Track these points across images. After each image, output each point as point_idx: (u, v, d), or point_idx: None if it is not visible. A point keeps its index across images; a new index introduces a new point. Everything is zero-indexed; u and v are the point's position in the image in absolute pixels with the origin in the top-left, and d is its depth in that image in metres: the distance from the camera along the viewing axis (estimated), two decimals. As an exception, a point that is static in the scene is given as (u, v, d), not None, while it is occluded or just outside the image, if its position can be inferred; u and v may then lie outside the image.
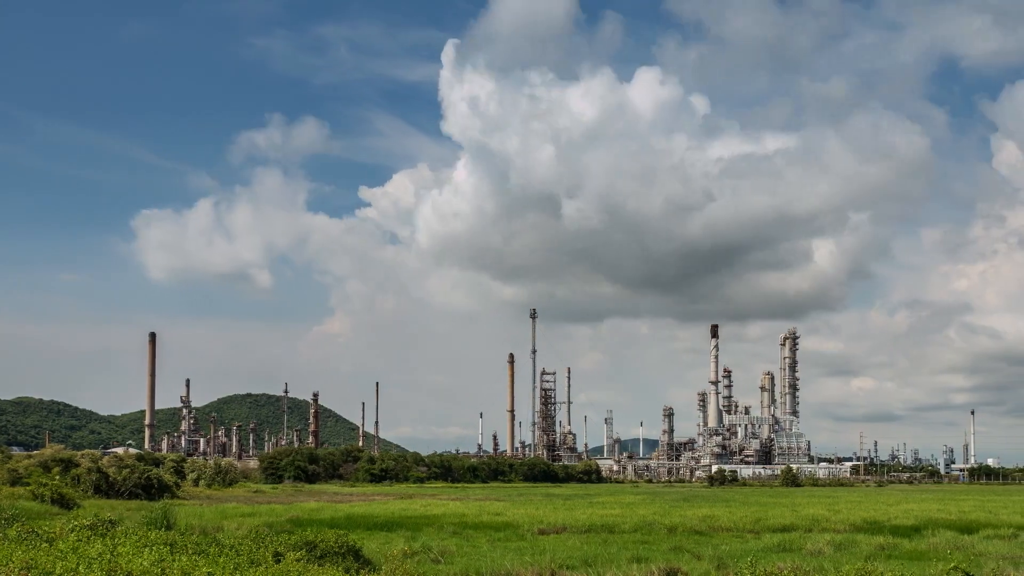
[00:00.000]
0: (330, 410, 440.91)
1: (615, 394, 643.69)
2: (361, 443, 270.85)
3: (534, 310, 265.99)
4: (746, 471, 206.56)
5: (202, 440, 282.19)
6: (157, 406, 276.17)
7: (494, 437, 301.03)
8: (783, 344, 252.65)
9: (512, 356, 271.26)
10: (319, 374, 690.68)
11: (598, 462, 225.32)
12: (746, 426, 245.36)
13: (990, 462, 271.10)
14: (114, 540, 20.41)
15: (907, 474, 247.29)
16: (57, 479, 56.00)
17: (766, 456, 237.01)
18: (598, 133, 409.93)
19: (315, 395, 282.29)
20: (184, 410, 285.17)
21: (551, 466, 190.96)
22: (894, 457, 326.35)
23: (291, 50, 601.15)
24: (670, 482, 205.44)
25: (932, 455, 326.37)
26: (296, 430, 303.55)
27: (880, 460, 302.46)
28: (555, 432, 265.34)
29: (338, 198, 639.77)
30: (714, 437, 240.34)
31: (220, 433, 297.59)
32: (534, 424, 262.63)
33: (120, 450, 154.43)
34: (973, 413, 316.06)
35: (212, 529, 35.62)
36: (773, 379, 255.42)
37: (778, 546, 34.94)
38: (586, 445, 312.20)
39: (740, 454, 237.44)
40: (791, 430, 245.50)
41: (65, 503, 49.33)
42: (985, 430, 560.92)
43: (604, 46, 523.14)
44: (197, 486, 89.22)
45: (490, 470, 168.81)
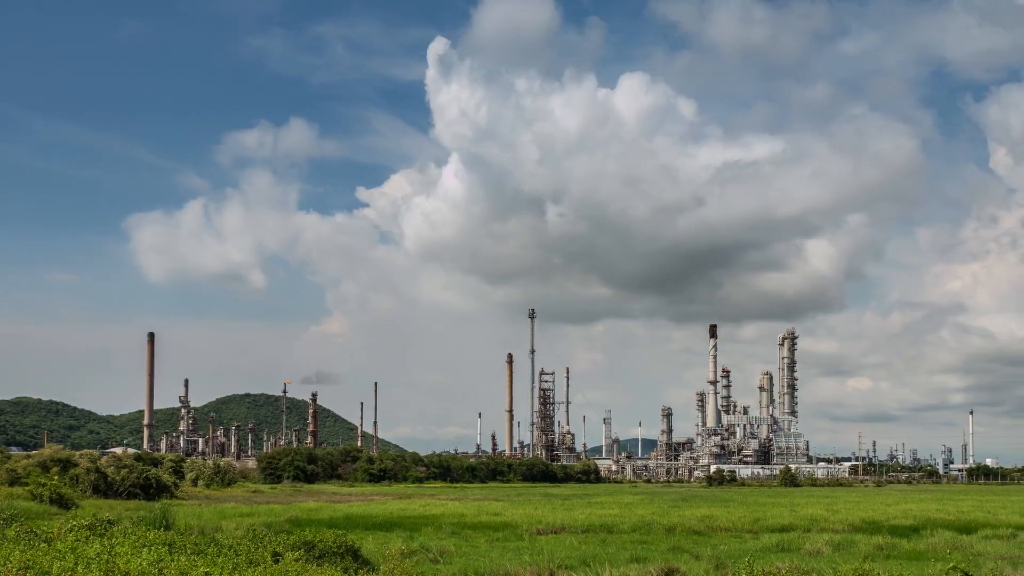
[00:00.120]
0: (329, 410, 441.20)
1: (613, 394, 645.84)
2: (360, 443, 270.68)
3: (532, 310, 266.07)
4: (745, 471, 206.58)
5: (201, 440, 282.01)
6: (156, 406, 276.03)
7: (492, 437, 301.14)
8: (781, 344, 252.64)
9: (511, 356, 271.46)
10: (318, 374, 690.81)
11: (597, 462, 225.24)
12: (745, 426, 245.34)
13: (988, 462, 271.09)
14: (112, 540, 20.39)
15: (906, 474, 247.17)
16: (55, 479, 55.95)
17: (765, 456, 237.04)
18: (586, 137, 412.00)
19: (314, 395, 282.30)
20: (183, 410, 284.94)
21: (550, 466, 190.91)
22: (893, 457, 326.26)
23: (288, 49, 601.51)
24: (668, 482, 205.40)
25: (931, 455, 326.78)
26: (295, 430, 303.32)
27: (879, 460, 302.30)
28: (554, 432, 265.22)
29: (335, 198, 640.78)
30: (713, 437, 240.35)
31: (219, 433, 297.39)
32: (532, 424, 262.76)
33: (119, 450, 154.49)
34: (972, 413, 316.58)
35: (211, 529, 35.60)
36: (771, 379, 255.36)
37: (776, 546, 34.94)
38: (585, 445, 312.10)
39: (739, 454, 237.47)
40: (790, 430, 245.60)
41: (63, 503, 49.31)
42: (984, 430, 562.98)
43: (590, 51, 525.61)
44: (196, 486, 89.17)
45: (489, 470, 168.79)
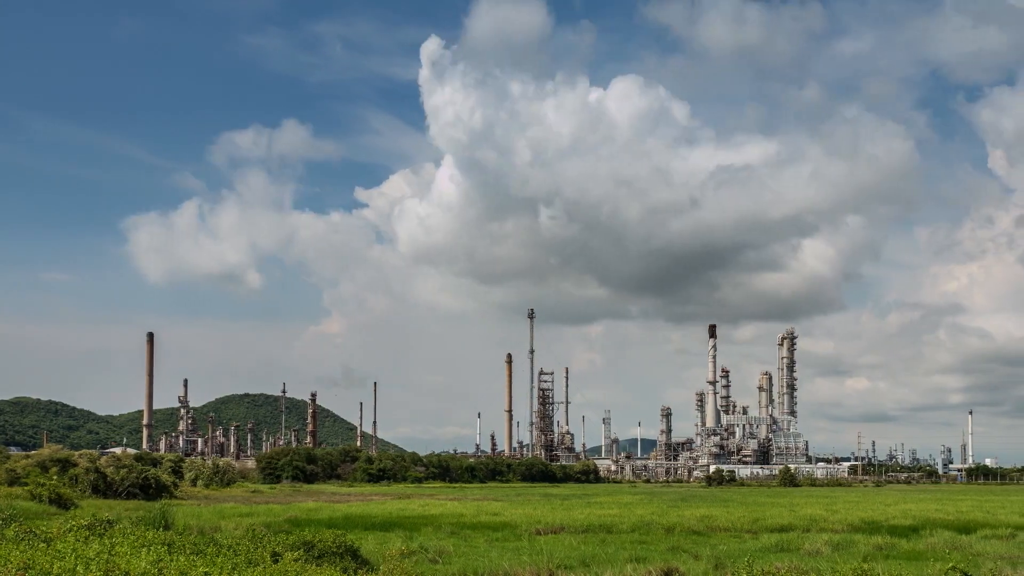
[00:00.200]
0: (328, 410, 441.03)
1: (612, 394, 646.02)
2: (359, 443, 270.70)
3: (532, 310, 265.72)
4: (744, 471, 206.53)
5: (200, 440, 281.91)
6: (155, 406, 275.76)
7: (492, 437, 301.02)
8: (781, 344, 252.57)
9: (510, 356, 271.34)
10: (317, 374, 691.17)
11: (596, 462, 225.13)
12: (744, 426, 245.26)
13: (988, 462, 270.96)
14: (112, 540, 20.40)
15: (905, 474, 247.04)
16: (55, 479, 55.94)
17: (764, 456, 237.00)
18: (579, 139, 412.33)
19: (313, 395, 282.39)
20: (182, 410, 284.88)
21: (549, 466, 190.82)
22: (892, 457, 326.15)
23: (286, 48, 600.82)
24: (668, 482, 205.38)
25: (930, 455, 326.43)
26: (294, 430, 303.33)
27: (878, 460, 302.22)
28: (553, 432, 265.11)
29: (332, 198, 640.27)
30: (712, 437, 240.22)
31: (218, 433, 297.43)
32: (532, 424, 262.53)
33: (118, 450, 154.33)
34: (971, 413, 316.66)
35: (210, 529, 35.61)
36: (771, 379, 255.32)
37: (776, 546, 34.96)
38: (584, 445, 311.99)
39: (738, 454, 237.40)
40: (789, 430, 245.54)
41: (63, 503, 49.30)
42: (983, 430, 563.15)
43: (582, 54, 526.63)
44: (195, 486, 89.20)
45: (488, 470, 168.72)
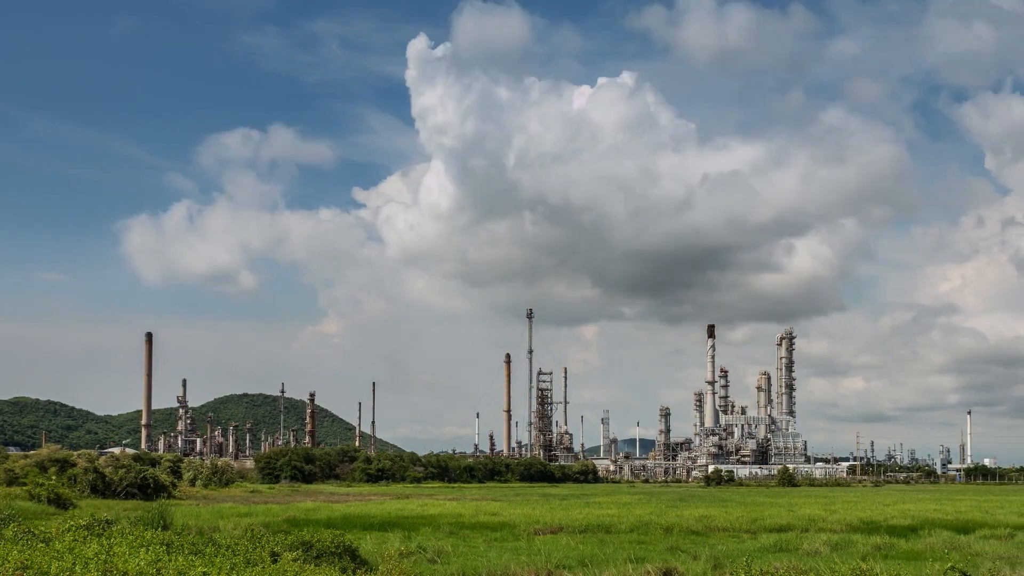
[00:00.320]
0: (327, 410, 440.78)
1: (611, 395, 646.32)
2: (358, 443, 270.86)
3: (530, 310, 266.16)
4: (743, 471, 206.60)
5: (199, 440, 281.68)
6: (154, 406, 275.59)
7: (491, 437, 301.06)
8: (779, 344, 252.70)
9: (508, 356, 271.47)
10: (315, 374, 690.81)
11: (595, 462, 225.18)
12: (743, 426, 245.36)
13: (987, 462, 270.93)
14: (110, 540, 20.41)
15: (904, 474, 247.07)
16: (53, 479, 55.98)
17: (763, 456, 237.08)
18: (568, 142, 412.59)
19: (312, 395, 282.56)
20: (181, 410, 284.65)
21: (547, 466, 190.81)
22: (891, 457, 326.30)
23: (282, 47, 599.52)
24: (667, 482, 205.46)
25: (929, 455, 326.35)
26: (293, 430, 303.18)
27: (876, 460, 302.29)
28: (551, 432, 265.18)
29: (329, 198, 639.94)
30: (710, 437, 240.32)
31: (217, 433, 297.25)
32: (530, 424, 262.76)
33: (116, 450, 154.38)
34: (970, 413, 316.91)
35: (208, 529, 35.58)
36: (769, 379, 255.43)
37: (774, 546, 34.95)
38: (582, 445, 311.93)
39: (736, 454, 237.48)
40: (787, 430, 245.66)
41: (61, 503, 49.29)
42: (982, 430, 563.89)
43: (567, 58, 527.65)
44: (193, 486, 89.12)
45: (486, 470, 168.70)
